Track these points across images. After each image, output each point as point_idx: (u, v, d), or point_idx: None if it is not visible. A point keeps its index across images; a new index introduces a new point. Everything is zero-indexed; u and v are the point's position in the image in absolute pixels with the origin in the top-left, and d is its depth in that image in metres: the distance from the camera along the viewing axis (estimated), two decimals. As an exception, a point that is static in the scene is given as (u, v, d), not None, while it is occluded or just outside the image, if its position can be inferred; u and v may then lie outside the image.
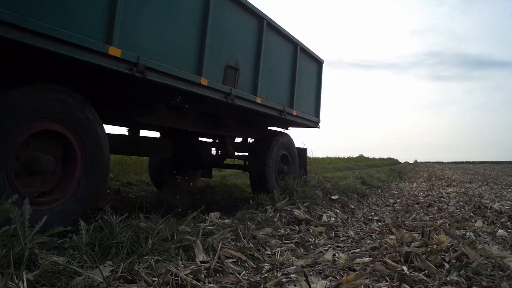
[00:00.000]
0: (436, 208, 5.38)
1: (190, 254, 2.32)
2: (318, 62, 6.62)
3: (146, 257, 2.11)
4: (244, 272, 2.19)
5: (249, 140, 6.39)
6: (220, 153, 6.23)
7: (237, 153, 6.28)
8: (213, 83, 3.89)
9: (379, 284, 2.08)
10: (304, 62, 5.98)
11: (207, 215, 3.31)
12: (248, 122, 5.78)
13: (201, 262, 2.22)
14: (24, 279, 1.61)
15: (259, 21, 4.67)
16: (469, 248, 2.63)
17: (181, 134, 5.39)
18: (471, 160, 73.95)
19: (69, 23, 2.53)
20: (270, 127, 6.42)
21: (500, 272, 2.30)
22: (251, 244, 2.71)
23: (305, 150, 7.01)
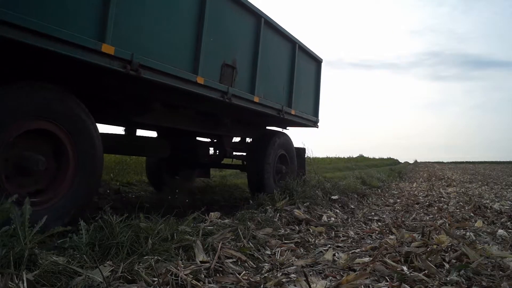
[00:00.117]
0: (436, 208, 5.38)
1: (190, 254, 2.32)
2: (317, 61, 6.57)
3: (146, 257, 2.11)
4: (244, 272, 2.19)
5: (247, 140, 6.35)
6: (218, 153, 6.19)
7: (235, 153, 6.26)
8: (210, 82, 3.83)
9: (379, 284, 2.08)
10: (303, 61, 5.93)
11: (207, 215, 3.31)
12: (246, 122, 5.72)
13: (201, 262, 2.22)
14: (24, 279, 1.61)
15: (257, 19, 4.61)
16: (469, 248, 2.63)
17: (179, 134, 5.34)
18: (471, 160, 73.98)
19: (60, 19, 2.46)
20: (269, 127, 6.37)
21: (500, 272, 2.30)
22: (251, 244, 2.71)
23: (304, 150, 6.96)
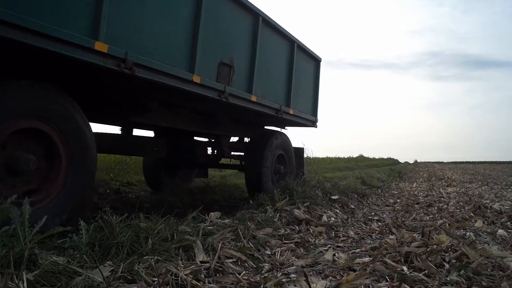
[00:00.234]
0: (436, 208, 5.38)
1: (190, 254, 2.32)
2: (316, 60, 6.51)
3: (146, 257, 2.11)
4: (244, 272, 2.19)
5: (246, 140, 6.30)
6: (216, 153, 6.13)
7: (233, 153, 6.22)
8: (206, 81, 3.78)
9: (379, 284, 2.08)
10: (301, 60, 5.88)
11: (207, 215, 3.31)
12: (244, 121, 5.68)
13: (201, 262, 2.22)
14: (24, 279, 1.61)
15: (255, 18, 4.56)
16: (469, 248, 2.63)
17: (176, 134, 5.30)
18: (471, 160, 73.98)
19: (51, 16, 2.42)
20: (267, 127, 6.33)
21: (500, 272, 2.30)
22: (251, 244, 2.71)
23: (303, 150, 6.92)
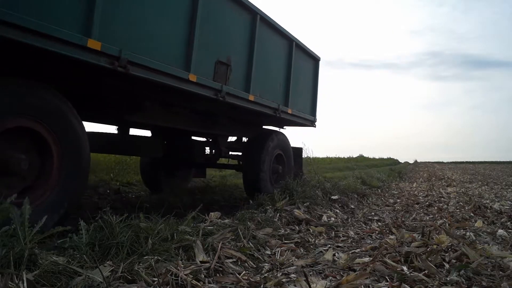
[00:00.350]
0: (436, 208, 5.38)
1: (190, 254, 2.32)
2: (315, 59, 6.47)
3: (146, 257, 2.11)
4: (244, 272, 2.19)
5: (244, 139, 6.27)
6: (213, 153, 6.09)
7: (231, 153, 6.18)
8: (203, 79, 3.73)
9: (379, 284, 2.08)
10: (300, 59, 5.84)
11: (207, 215, 3.31)
12: (242, 121, 5.64)
13: (201, 262, 2.22)
14: (24, 279, 1.61)
15: (252, 16, 4.52)
16: (469, 248, 2.63)
17: (173, 133, 5.27)
18: (471, 160, 73.99)
19: (42, 13, 2.37)
20: (265, 126, 6.29)
21: (500, 272, 2.30)
22: (251, 244, 2.71)
23: (301, 150, 6.87)
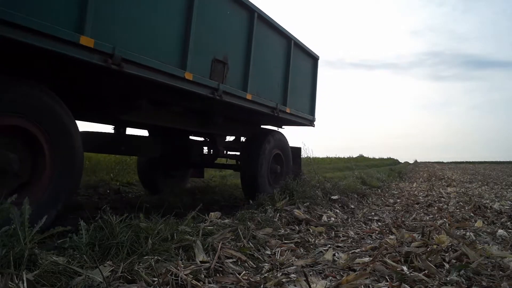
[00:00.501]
0: (436, 208, 5.39)
1: (190, 254, 2.32)
2: (313, 58, 6.40)
3: (146, 257, 2.11)
4: (244, 272, 2.19)
5: (242, 139, 6.23)
6: (211, 153, 6.02)
7: (229, 153, 6.13)
8: (199, 78, 3.67)
9: (379, 284, 2.09)
10: (299, 58, 5.79)
11: (207, 215, 3.31)
12: (239, 120, 5.58)
13: (201, 262, 2.22)
14: (24, 279, 1.61)
15: (250, 14, 4.47)
16: (469, 248, 2.63)
17: (170, 133, 5.21)
18: (471, 160, 74.00)
19: (33, 8, 2.32)
20: (263, 126, 6.25)
21: (500, 272, 2.30)
22: (251, 244, 2.71)
23: (300, 149, 6.83)
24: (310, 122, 6.52)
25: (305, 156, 7.31)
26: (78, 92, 3.45)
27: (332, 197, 5.21)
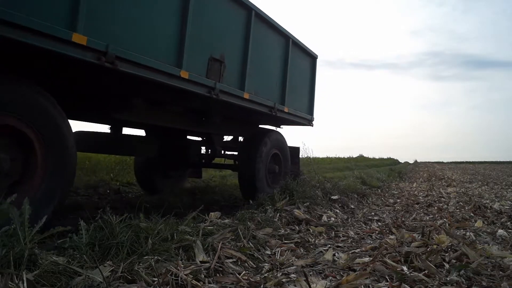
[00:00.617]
0: (436, 208, 5.38)
1: (190, 254, 2.32)
2: (312, 57, 6.35)
3: (146, 257, 2.11)
4: (244, 272, 2.19)
5: (240, 139, 6.18)
6: (209, 153, 5.98)
7: (227, 152, 6.09)
8: (195, 76, 3.62)
9: (379, 284, 2.09)
10: (297, 57, 5.75)
11: (207, 215, 3.31)
12: (237, 120, 5.54)
13: (201, 262, 2.22)
14: (24, 279, 1.61)
15: (247, 12, 4.43)
16: (469, 248, 2.63)
17: (168, 132, 5.17)
18: (471, 160, 73.98)
19: (24, 5, 2.28)
20: (261, 125, 6.21)
21: (500, 272, 2.30)
22: (251, 244, 2.71)
23: (298, 149, 6.81)
24: (309, 122, 6.48)
25: (305, 156, 7.31)
26: (70, 90, 3.41)
27: (332, 197, 5.20)
